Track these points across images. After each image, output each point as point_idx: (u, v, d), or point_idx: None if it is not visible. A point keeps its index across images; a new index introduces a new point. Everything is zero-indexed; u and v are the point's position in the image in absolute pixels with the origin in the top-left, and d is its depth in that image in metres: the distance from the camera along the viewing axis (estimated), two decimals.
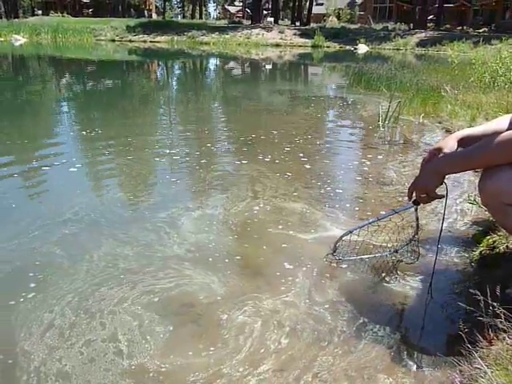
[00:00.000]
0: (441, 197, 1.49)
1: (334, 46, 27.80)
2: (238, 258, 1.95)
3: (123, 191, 2.77)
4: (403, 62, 14.48)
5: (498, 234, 2.06)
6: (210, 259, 1.92)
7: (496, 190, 1.36)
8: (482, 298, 1.27)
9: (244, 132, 4.59)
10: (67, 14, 42.42)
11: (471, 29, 33.54)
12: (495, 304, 1.24)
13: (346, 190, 2.83)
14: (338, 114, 5.85)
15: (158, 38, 29.20)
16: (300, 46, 28.03)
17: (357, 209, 2.45)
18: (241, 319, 1.52)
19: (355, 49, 25.65)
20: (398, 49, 27.27)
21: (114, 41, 28.05)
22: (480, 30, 32.00)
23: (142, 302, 1.60)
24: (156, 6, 58.09)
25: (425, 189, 1.48)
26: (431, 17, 39.13)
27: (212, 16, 75.07)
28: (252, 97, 7.43)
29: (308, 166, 3.31)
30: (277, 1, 42.85)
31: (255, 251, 2.01)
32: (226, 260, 1.92)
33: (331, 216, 2.33)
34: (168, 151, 3.72)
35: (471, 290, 1.35)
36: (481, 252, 2.00)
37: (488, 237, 2.09)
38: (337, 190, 2.78)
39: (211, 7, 79.49)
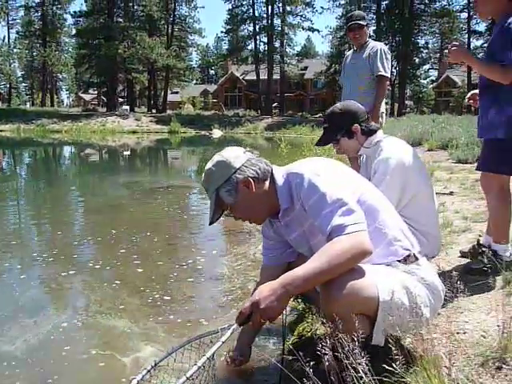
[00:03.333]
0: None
1: (190, 132, 29.11)
2: None
3: None
4: (254, 145, 15.70)
5: (307, 320, 2.19)
6: None
7: (350, 300, 1.36)
8: None
9: (79, 235, 4.34)
10: None
11: (309, 114, 38.46)
12: None
13: (175, 294, 2.77)
14: (180, 206, 5.85)
15: (2, 127, 27.24)
16: (157, 132, 28.72)
17: (179, 320, 2.39)
18: None
19: (210, 134, 27.21)
20: (249, 133, 29.71)
21: None
22: (316, 116, 36.91)
23: None
24: (0, 93, 54.78)
25: (274, 314, 1.37)
26: (275, 104, 44.02)
27: (65, 103, 73.43)
28: (97, 192, 7.18)
29: (140, 270, 3.21)
30: (132, 89, 43.97)
31: None
32: None
33: (151, 334, 2.22)
34: None
35: None
36: (292, 341, 2.08)
37: (299, 324, 2.21)
38: (165, 297, 2.71)
39: (64, 95, 77.87)
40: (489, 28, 29.58)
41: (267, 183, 1.62)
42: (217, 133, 27.59)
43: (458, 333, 1.83)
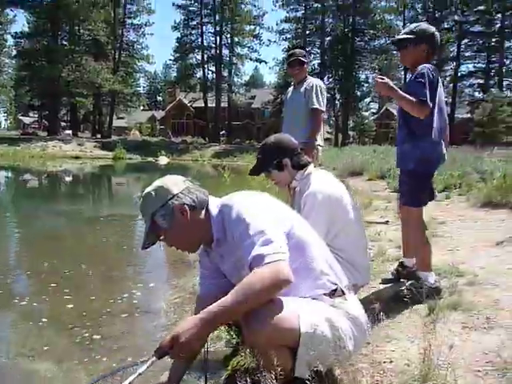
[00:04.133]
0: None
1: (136, 158, 28.55)
2: None
3: None
4: (200, 172, 15.58)
5: (241, 353, 2.14)
6: None
7: (270, 331, 1.37)
8: None
9: (6, 268, 4.06)
10: None
11: (257, 142, 39.09)
12: None
13: (106, 331, 2.64)
14: (120, 237, 5.64)
15: None
16: (101, 158, 27.92)
17: (105, 359, 2.27)
18: None
19: (156, 160, 26.79)
20: (196, 160, 29.63)
21: None
22: None
23: None
24: None
25: (194, 348, 1.38)
26: (223, 132, 44.42)
27: (3, 126, 69.99)
28: (32, 221, 6.80)
29: (71, 306, 3.04)
30: (75, 113, 42.77)
31: None
32: None
33: (74, 377, 2.09)
34: None
35: None
36: (226, 376, 2.03)
37: (234, 358, 2.16)
38: (94, 336, 2.57)
39: (1, 117, 74.26)
40: None
41: (203, 213, 1.64)
42: (163, 159, 27.24)
43: (384, 362, 1.88)
